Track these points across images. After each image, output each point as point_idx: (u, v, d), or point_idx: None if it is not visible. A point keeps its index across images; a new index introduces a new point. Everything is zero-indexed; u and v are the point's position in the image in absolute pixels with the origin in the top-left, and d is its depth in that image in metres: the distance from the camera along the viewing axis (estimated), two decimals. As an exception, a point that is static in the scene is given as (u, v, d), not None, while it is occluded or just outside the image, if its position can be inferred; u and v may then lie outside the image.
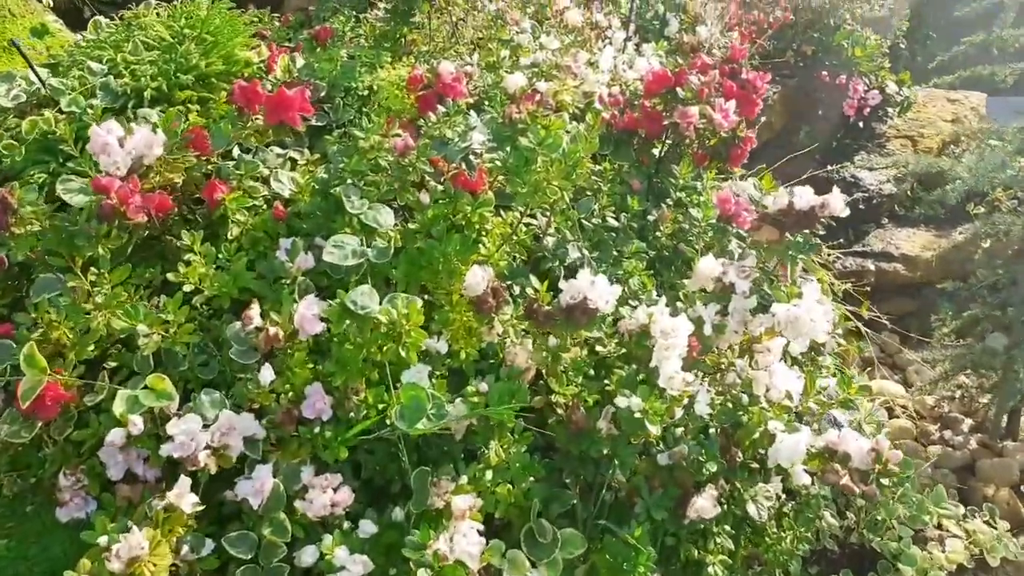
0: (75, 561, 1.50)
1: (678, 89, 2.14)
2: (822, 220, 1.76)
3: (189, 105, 2.12)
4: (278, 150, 2.03)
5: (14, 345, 1.60)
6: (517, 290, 1.83)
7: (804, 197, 1.75)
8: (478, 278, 1.61)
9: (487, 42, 2.49)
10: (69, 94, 2.07)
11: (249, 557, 1.42)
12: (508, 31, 2.56)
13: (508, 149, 1.79)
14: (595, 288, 1.54)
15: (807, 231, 1.77)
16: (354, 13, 2.55)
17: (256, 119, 1.90)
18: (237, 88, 1.87)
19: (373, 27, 2.47)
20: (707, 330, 1.66)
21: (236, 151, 1.99)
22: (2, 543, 1.49)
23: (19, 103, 2.20)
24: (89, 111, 1.92)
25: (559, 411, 1.66)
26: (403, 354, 1.48)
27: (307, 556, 1.44)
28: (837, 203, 1.76)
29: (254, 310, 1.55)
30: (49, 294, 1.65)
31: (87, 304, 1.55)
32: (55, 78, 2.12)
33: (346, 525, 1.50)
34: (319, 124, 2.16)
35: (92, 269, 1.58)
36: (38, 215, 1.56)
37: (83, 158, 1.85)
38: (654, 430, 1.50)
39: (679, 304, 1.78)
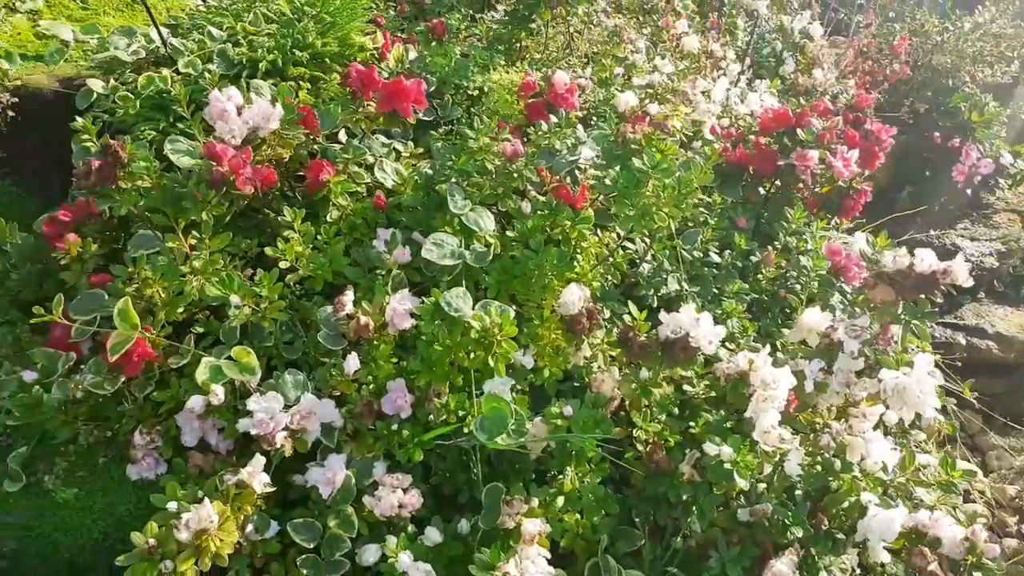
0: (139, 520, 1.50)
1: (798, 130, 2.06)
2: (942, 287, 1.66)
3: (301, 82, 2.12)
4: (383, 139, 2.02)
5: (106, 296, 1.60)
6: (607, 314, 1.77)
7: (926, 260, 1.65)
8: (575, 297, 1.55)
9: (601, 57, 2.44)
10: (188, 56, 2.10)
11: (312, 547, 1.39)
12: (623, 48, 2.51)
13: (618, 168, 1.74)
14: (699, 326, 1.47)
15: (924, 296, 1.67)
16: (470, 12, 2.53)
17: (368, 105, 1.88)
18: (354, 71, 1.85)
19: (488, 28, 2.44)
20: (808, 387, 1.58)
21: (342, 135, 1.98)
22: (72, 492, 1.48)
23: (137, 59, 2.24)
24: (207, 75, 1.93)
25: (639, 447, 1.59)
26: (491, 363, 1.43)
27: (369, 555, 1.39)
28: (961, 271, 1.65)
29: (348, 296, 1.53)
30: (146, 251, 1.65)
31: (184, 267, 1.54)
32: (175, 39, 2.15)
33: (410, 529, 1.45)
34: (425, 118, 2.13)
35: (193, 233, 1.58)
36: (149, 172, 1.56)
37: (193, 120, 1.86)
38: (742, 483, 1.43)
39: (779, 355, 1.69)
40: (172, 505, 1.33)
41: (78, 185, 1.71)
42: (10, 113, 2.12)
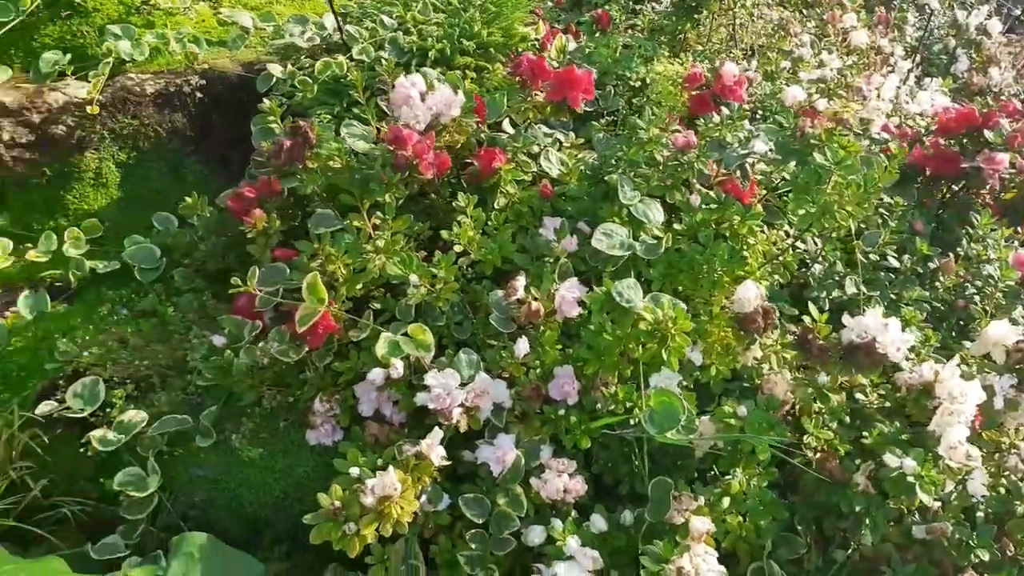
0: (316, 482, 1.58)
1: (986, 132, 1.94)
2: None
3: (467, 71, 2.16)
4: (545, 129, 2.03)
5: (287, 270, 1.69)
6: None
7: None
8: (751, 294, 1.52)
9: (765, 50, 2.37)
10: (361, 43, 2.18)
11: (480, 522, 1.43)
12: (788, 42, 2.43)
13: (795, 164, 1.69)
14: (887, 331, 1.40)
15: None
16: (629, 3, 2.51)
17: (536, 94, 1.90)
18: (525, 61, 1.88)
19: (649, 19, 2.42)
20: (997, 403, 1.48)
21: (505, 123, 2.01)
22: (258, 451, 1.58)
23: (312, 45, 2.35)
24: (382, 62, 2.00)
25: (808, 453, 1.55)
26: (665, 357, 1.42)
27: (534, 535, 1.42)
28: None
29: (520, 282, 1.55)
30: (326, 229, 1.73)
31: (367, 246, 1.61)
32: (350, 26, 2.24)
33: (573, 515, 1.47)
34: (585, 109, 2.13)
35: (377, 214, 1.64)
36: (340, 154, 1.63)
37: (367, 106, 1.93)
38: (926, 499, 1.36)
39: (962, 367, 1.60)
40: (354, 471, 1.40)
41: (267, 163, 1.82)
42: (198, 95, 2.26)
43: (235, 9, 2.60)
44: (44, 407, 1.65)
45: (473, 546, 1.42)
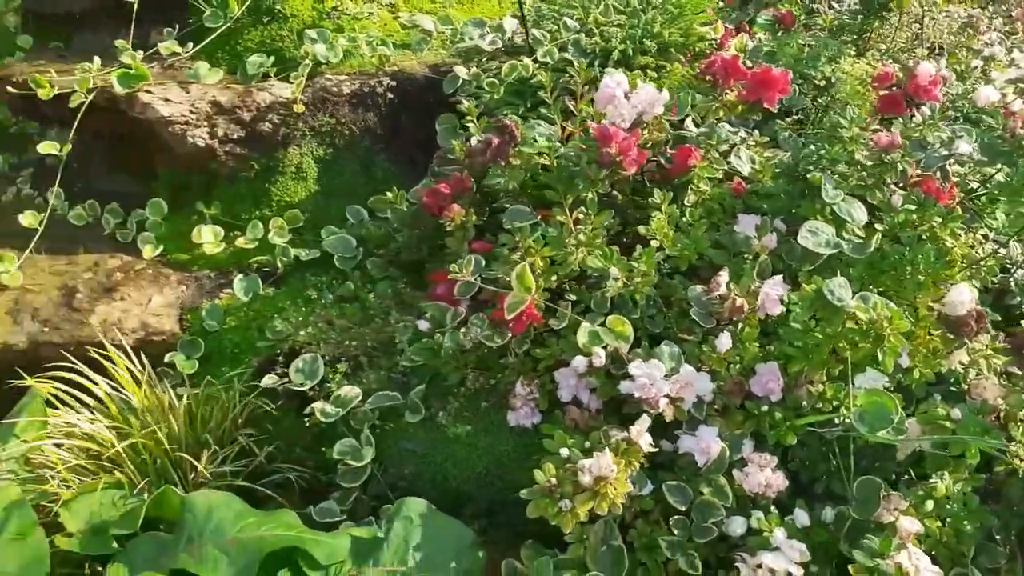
0: (515, 461, 1.68)
1: None
2: None
3: (647, 71, 2.21)
4: (728, 128, 2.05)
5: (483, 261, 1.79)
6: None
7: None
8: (964, 297, 1.49)
9: (952, 49, 2.30)
10: (546, 45, 2.26)
11: (683, 509, 1.47)
12: (977, 40, 2.34)
13: (1005, 166, 1.65)
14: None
15: None
16: (806, 2, 2.49)
17: (727, 93, 1.93)
18: (719, 60, 1.91)
19: (832, 18, 2.39)
20: None
21: (687, 122, 2.04)
22: (464, 428, 1.69)
23: (494, 48, 2.45)
24: (574, 63, 2.07)
25: (1016, 461, 1.50)
26: (880, 357, 1.42)
27: (736, 526, 1.45)
28: None
29: (723, 277, 1.59)
30: (520, 223, 1.82)
31: (569, 239, 1.68)
32: (535, 30, 2.32)
33: (772, 510, 1.49)
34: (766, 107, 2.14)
35: (580, 209, 1.71)
36: (550, 151, 1.72)
37: (553, 106, 2.01)
38: None
39: None
40: (564, 451, 1.48)
41: (463, 160, 1.93)
42: (389, 95, 2.41)
43: (415, 13, 2.75)
44: (268, 380, 1.82)
45: (676, 532, 1.47)
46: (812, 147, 1.83)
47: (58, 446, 1.66)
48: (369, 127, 2.41)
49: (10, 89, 2.37)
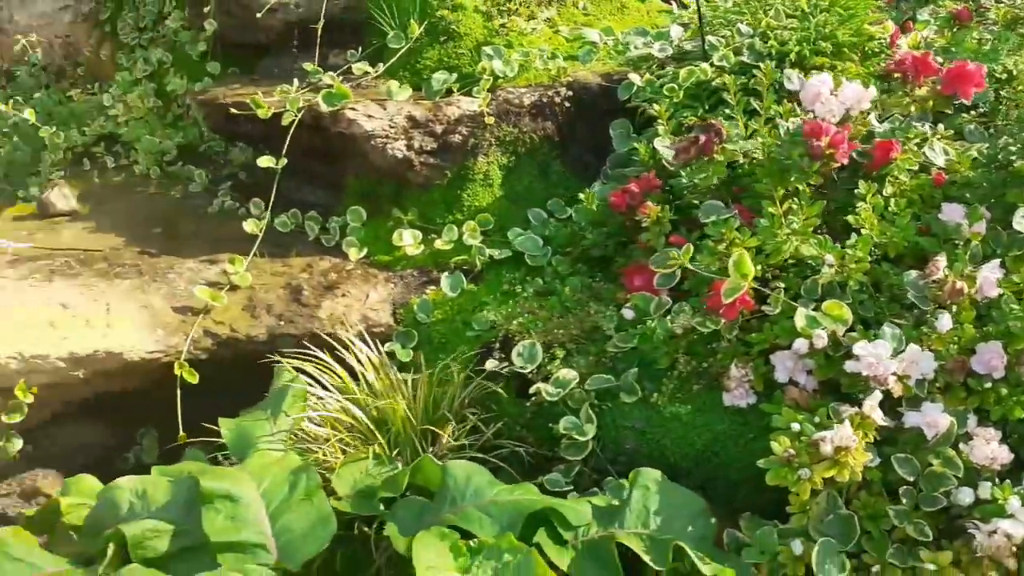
0: (731, 439, 1.79)
1: None
2: None
3: (821, 71, 2.29)
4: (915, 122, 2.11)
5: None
6: None
7: None
8: None
9: None
10: (721, 50, 2.38)
11: (911, 480, 1.55)
12: None
13: None
14: None
15: None
16: (974, -3, 2.53)
17: (917, 89, 2.00)
18: (910, 58, 1.99)
19: (1004, 11, 2.42)
20: None
21: (870, 117, 2.11)
22: (682, 408, 1.81)
23: (664, 55, 2.59)
24: (761, 65, 2.17)
25: None
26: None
27: (964, 496, 1.52)
28: None
29: (941, 262, 1.66)
30: (714, 216, 1.93)
31: (782, 229, 1.78)
32: (711, 36, 2.45)
33: (997, 481, 1.55)
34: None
35: (794, 200, 1.82)
36: (763, 147, 1.83)
37: (736, 107, 2.12)
38: None
39: None
40: (795, 426, 1.58)
41: (676, 159, 2.05)
42: (566, 104, 2.58)
43: (573, 27, 2.91)
44: (490, 364, 2.00)
45: (904, 501, 1.55)
46: (1005, 138, 1.88)
47: (317, 424, 1.87)
48: (547, 135, 2.57)
49: (232, 111, 2.64)
